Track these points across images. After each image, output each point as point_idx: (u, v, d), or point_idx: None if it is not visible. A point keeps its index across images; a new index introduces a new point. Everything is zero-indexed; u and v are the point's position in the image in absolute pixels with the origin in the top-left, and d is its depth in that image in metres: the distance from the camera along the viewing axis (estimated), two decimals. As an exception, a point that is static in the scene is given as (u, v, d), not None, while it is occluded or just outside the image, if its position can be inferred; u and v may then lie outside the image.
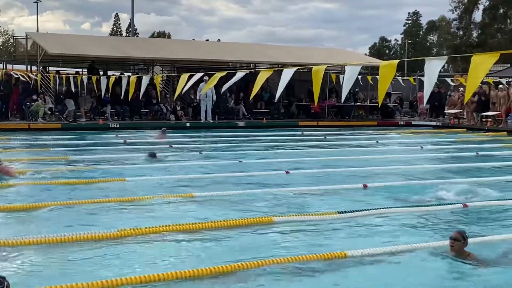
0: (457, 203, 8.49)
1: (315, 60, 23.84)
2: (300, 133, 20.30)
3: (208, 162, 12.91)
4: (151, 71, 27.61)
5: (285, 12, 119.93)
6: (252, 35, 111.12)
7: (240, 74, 13.20)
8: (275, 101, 18.38)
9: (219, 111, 24.20)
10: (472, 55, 6.36)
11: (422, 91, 28.24)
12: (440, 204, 8.45)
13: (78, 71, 28.13)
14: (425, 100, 8.59)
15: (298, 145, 16.74)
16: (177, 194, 9.02)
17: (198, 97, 23.21)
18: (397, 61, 7.83)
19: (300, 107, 26.27)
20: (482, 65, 6.19)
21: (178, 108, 23.83)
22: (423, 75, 7.31)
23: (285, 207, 8.42)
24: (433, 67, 7.09)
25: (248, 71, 14.17)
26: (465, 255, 5.87)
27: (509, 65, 32.96)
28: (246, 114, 24.73)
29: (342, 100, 10.97)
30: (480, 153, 14.99)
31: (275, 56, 27.03)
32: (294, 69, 10.39)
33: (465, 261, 5.81)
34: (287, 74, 10.02)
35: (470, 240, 6.22)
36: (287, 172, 11.31)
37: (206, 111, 23.21)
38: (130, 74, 25.09)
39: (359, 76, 26.25)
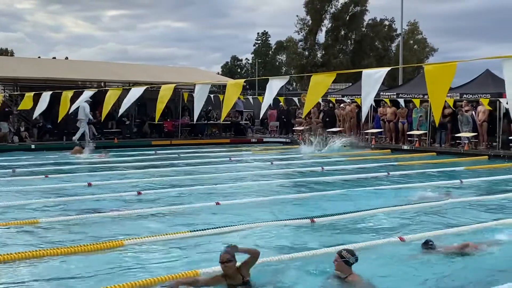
0: (305, 218, 8.78)
1: (166, 78, 23.68)
2: (153, 152, 20.03)
3: (54, 185, 12.24)
4: (-10, 90, 25.81)
5: (136, 30, 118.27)
6: (103, 52, 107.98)
7: (88, 93, 12.82)
8: (118, 117, 17.86)
9: (67, 131, 23.14)
10: (312, 75, 6.72)
11: (273, 109, 29.34)
12: (288, 219, 8.72)
13: None
14: (261, 114, 8.97)
15: (151, 164, 16.49)
16: (20, 220, 8.47)
17: (87, 119, 21.93)
18: (243, 80, 8.06)
19: (153, 126, 25.97)
20: (320, 83, 6.57)
21: (22, 129, 22.47)
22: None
23: (136, 228, 8.23)
24: (274, 85, 7.43)
25: (96, 90, 13.77)
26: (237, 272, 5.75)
27: (351, 84, 35.25)
28: (96, 134, 23.94)
29: (195, 119, 11.06)
30: (325, 167, 15.77)
31: (126, 74, 26.54)
32: (144, 87, 10.30)
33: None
34: (134, 93, 9.91)
35: (316, 252, 6.48)
36: (139, 193, 11.07)
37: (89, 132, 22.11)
38: (-34, 93, 23.20)
39: (212, 95, 26.67)
